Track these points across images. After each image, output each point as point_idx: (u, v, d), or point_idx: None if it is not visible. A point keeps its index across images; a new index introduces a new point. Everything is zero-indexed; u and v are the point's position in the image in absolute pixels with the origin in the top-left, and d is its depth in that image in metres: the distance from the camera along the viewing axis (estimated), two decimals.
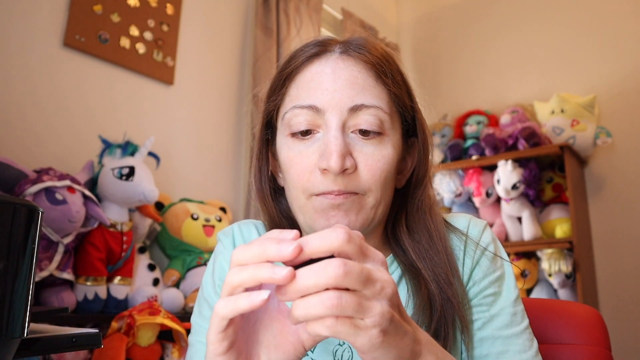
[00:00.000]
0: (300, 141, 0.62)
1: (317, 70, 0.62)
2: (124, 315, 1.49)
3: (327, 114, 0.60)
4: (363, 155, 0.60)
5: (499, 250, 0.67)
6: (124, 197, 1.64)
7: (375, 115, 0.60)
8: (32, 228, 0.55)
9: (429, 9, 3.49)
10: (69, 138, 1.78)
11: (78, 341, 0.69)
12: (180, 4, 2.22)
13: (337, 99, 0.60)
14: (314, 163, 0.60)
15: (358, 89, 0.60)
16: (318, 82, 0.61)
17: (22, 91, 1.69)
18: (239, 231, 0.73)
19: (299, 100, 0.62)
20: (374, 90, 0.61)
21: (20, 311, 0.53)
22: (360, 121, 0.60)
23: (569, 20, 2.85)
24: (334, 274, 0.36)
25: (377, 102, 0.61)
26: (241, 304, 0.38)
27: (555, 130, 2.47)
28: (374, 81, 0.62)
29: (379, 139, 0.61)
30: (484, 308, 0.62)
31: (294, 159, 0.62)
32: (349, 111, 0.60)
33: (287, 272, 0.36)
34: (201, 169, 2.23)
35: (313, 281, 0.36)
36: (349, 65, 0.62)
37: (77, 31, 1.84)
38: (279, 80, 0.66)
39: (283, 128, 0.64)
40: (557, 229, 2.43)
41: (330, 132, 0.59)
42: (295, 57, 0.65)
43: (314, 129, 0.61)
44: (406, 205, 0.68)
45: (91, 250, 1.57)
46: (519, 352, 0.60)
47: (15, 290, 0.53)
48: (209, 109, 2.32)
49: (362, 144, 0.60)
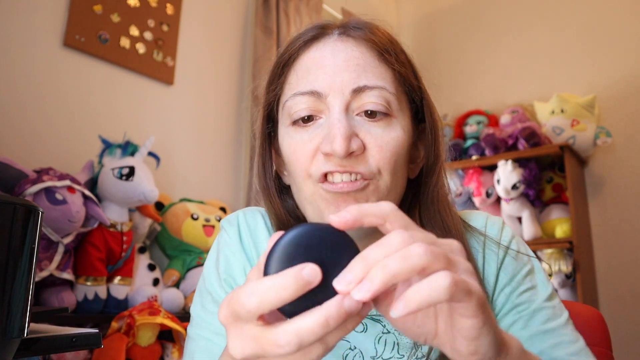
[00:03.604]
0: (302, 129, 0.58)
1: (316, 55, 0.59)
2: (124, 315, 1.49)
3: (329, 97, 0.56)
4: (371, 136, 0.56)
5: (523, 247, 0.64)
6: (124, 197, 1.64)
7: (380, 96, 0.56)
8: (32, 228, 0.55)
9: (429, 9, 3.49)
10: (69, 138, 1.78)
11: (78, 341, 0.69)
12: (180, 4, 2.22)
13: (339, 82, 0.56)
14: (316, 147, 0.56)
15: (360, 70, 0.57)
16: (317, 66, 0.58)
17: (22, 91, 1.68)
18: (244, 219, 0.67)
19: (299, 87, 0.58)
20: (377, 70, 0.58)
21: (19, 311, 0.53)
22: (365, 102, 0.56)
23: (569, 21, 2.85)
24: (443, 277, 0.32)
25: (381, 83, 0.57)
26: None
27: (555, 130, 2.47)
28: (377, 61, 0.58)
29: (386, 121, 0.57)
30: (523, 306, 0.59)
31: (296, 147, 0.58)
32: (352, 93, 0.56)
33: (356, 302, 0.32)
34: (201, 169, 2.23)
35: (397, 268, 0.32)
36: (349, 46, 0.59)
37: (77, 31, 1.84)
38: (277, 68, 0.63)
39: (284, 118, 0.60)
40: (557, 229, 2.43)
41: (333, 115, 0.56)
42: (293, 43, 0.61)
43: (316, 114, 0.58)
44: (419, 197, 0.63)
45: (91, 250, 1.57)
46: (571, 342, 0.57)
47: (15, 290, 0.52)
48: (209, 109, 2.32)
49: (369, 126, 0.56)
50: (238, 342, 0.33)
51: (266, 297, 0.32)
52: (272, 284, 0.32)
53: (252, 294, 0.32)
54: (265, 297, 0.32)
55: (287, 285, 0.31)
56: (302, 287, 0.32)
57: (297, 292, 0.32)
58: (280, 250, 0.34)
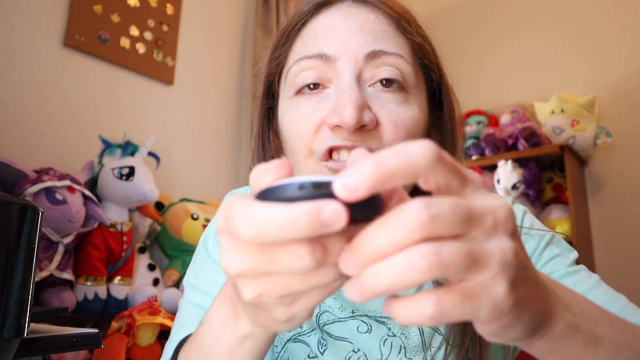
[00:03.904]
0: (306, 99, 0.51)
1: (327, 19, 0.53)
2: (124, 315, 1.49)
3: (338, 62, 0.50)
4: (386, 110, 0.49)
5: (537, 223, 0.59)
6: (124, 197, 1.64)
7: (397, 65, 0.50)
8: (32, 228, 0.55)
9: (430, 9, 3.49)
10: (69, 138, 1.78)
11: (78, 341, 0.69)
12: (180, 4, 2.22)
13: (353, 45, 0.50)
14: (321, 119, 0.49)
15: (376, 34, 0.51)
16: (328, 30, 0.52)
17: (22, 91, 1.68)
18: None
19: (305, 52, 0.52)
20: (395, 39, 0.51)
21: (19, 311, 0.53)
22: (381, 69, 0.50)
23: (569, 21, 2.85)
24: (415, 222, 0.23)
25: (399, 50, 0.51)
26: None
27: (555, 130, 2.47)
28: (394, 30, 0.52)
29: (403, 96, 0.50)
30: (552, 277, 0.53)
31: (298, 119, 0.51)
32: (366, 59, 0.49)
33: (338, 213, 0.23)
34: (201, 169, 2.23)
35: (388, 239, 0.23)
36: (364, 11, 0.52)
37: (77, 31, 1.84)
38: (282, 36, 0.57)
39: (287, 89, 0.54)
40: (557, 228, 2.43)
41: (344, 82, 0.49)
42: (301, 10, 0.56)
43: (324, 83, 0.51)
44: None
45: (91, 250, 1.57)
46: (611, 300, 0.51)
47: (15, 290, 0.52)
48: (209, 109, 2.32)
49: (384, 98, 0.49)
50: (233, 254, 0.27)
51: (268, 231, 0.24)
52: (277, 216, 0.24)
53: (250, 221, 0.24)
54: (267, 231, 0.24)
55: (296, 223, 0.23)
56: (315, 230, 0.23)
57: (308, 234, 0.24)
58: (283, 187, 0.25)
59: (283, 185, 0.25)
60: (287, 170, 0.27)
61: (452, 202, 0.24)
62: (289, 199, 0.25)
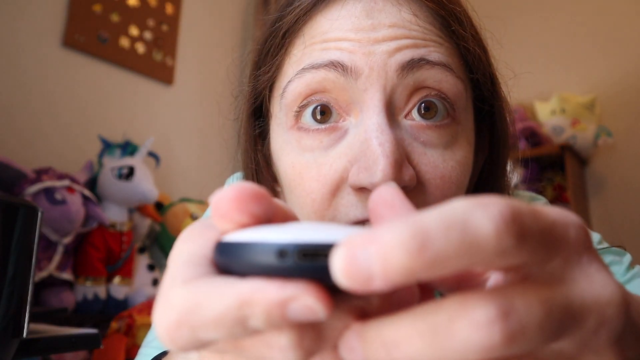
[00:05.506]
0: (312, 138, 0.36)
1: (341, 14, 0.37)
2: (123, 315, 1.49)
3: (361, 79, 0.34)
4: (429, 162, 0.35)
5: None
6: (123, 197, 1.64)
7: (443, 82, 0.35)
8: (31, 228, 0.55)
9: None
10: (68, 138, 1.78)
11: (77, 341, 0.68)
12: (180, 3, 2.22)
13: (380, 52, 0.34)
14: (340, 175, 0.35)
15: (414, 37, 0.36)
16: (343, 29, 0.36)
17: (21, 91, 1.68)
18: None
19: (312, 58, 0.36)
20: (441, 45, 0.37)
21: (18, 311, 0.53)
22: (420, 93, 0.35)
23: (569, 20, 2.84)
24: (482, 340, 0.15)
25: (446, 61, 0.36)
26: None
27: (556, 130, 2.47)
28: (438, 31, 0.37)
29: (450, 132, 0.36)
30: None
31: (303, 172, 0.36)
32: (400, 72, 0.34)
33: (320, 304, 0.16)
34: (201, 169, 2.23)
35: (425, 351, 0.15)
36: (396, 4, 0.37)
37: (76, 31, 1.83)
38: (271, 38, 0.41)
39: (283, 113, 0.39)
40: None
41: (371, 117, 0.34)
42: (300, 1, 0.39)
43: (339, 111, 0.36)
44: None
45: (91, 250, 1.57)
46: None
47: (14, 290, 0.52)
48: (209, 109, 2.32)
49: (425, 139, 0.35)
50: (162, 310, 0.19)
51: (192, 324, 0.17)
52: (204, 306, 0.16)
53: (168, 306, 0.18)
54: (191, 324, 0.17)
55: (225, 321, 0.16)
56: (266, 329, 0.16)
57: (248, 334, 0.17)
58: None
59: (251, 245, 0.16)
60: (269, 207, 0.18)
61: (544, 306, 0.15)
62: (258, 269, 0.16)
